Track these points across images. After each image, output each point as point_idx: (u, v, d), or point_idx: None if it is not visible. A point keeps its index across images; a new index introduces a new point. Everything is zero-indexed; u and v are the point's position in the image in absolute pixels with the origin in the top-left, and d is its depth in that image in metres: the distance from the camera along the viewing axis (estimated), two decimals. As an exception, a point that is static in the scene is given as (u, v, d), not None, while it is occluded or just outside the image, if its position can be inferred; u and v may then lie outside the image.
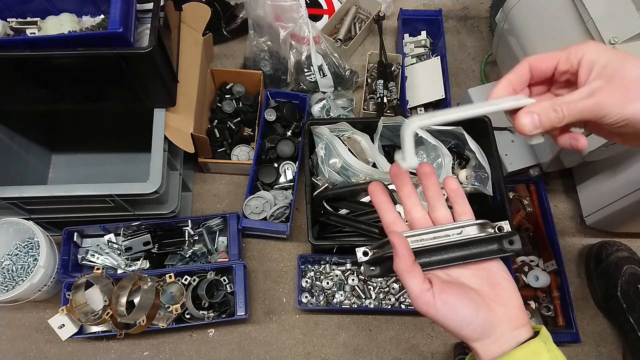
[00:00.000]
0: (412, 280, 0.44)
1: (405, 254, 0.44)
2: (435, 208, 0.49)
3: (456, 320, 0.43)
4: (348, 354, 1.00)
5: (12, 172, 0.99)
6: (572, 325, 0.96)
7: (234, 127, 1.14)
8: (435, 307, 0.43)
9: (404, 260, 0.44)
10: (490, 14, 1.31)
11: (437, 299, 0.43)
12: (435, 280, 0.44)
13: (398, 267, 0.44)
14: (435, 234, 0.47)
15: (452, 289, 0.44)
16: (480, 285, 0.45)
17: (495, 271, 0.46)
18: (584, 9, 0.81)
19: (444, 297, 0.43)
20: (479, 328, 0.43)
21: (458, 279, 0.46)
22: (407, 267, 0.44)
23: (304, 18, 1.13)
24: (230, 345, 1.00)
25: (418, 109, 1.19)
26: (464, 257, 0.46)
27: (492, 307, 0.44)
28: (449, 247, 0.46)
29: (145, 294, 0.89)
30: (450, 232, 0.47)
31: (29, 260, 0.97)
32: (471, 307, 0.43)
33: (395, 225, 0.50)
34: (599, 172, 1.00)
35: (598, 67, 0.42)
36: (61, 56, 0.76)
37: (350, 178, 0.94)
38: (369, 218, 0.92)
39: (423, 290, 0.43)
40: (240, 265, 0.96)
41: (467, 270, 0.47)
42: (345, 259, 1.01)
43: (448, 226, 0.47)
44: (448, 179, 0.50)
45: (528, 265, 1.02)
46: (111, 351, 0.99)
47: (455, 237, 0.47)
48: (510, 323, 0.43)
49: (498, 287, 0.45)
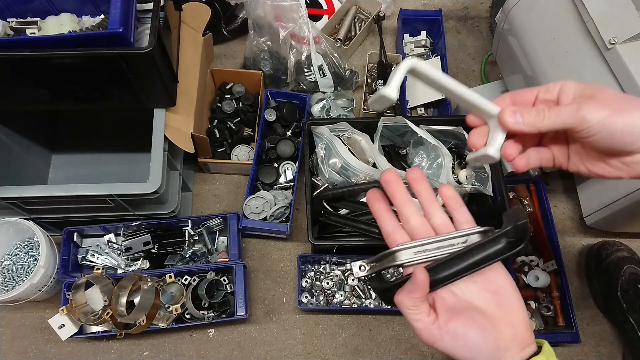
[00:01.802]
0: (417, 316, 0.42)
1: (422, 289, 0.41)
2: (432, 214, 0.47)
3: (465, 350, 0.41)
4: (348, 354, 1.00)
5: (12, 172, 0.99)
6: (572, 325, 0.96)
7: (234, 127, 1.14)
8: (442, 341, 0.41)
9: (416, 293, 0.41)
10: (490, 14, 1.31)
11: (444, 332, 0.41)
12: (440, 306, 0.43)
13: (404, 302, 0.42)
14: (439, 243, 0.45)
15: (459, 317, 0.42)
16: (487, 303, 0.43)
17: (502, 285, 0.45)
18: (584, 9, 0.81)
19: (451, 328, 0.41)
20: (490, 353, 0.41)
21: (464, 297, 0.44)
22: (416, 302, 0.42)
23: (304, 18, 1.13)
24: (230, 345, 1.00)
25: (418, 109, 1.19)
26: (472, 265, 0.43)
27: (499, 328, 0.42)
28: (455, 258, 0.44)
29: (145, 294, 0.89)
30: (454, 242, 0.45)
31: (29, 260, 0.97)
32: (479, 335, 0.42)
33: (395, 235, 0.47)
34: (599, 172, 1.00)
35: (578, 91, 0.45)
36: (61, 56, 0.76)
37: (350, 178, 0.94)
38: (369, 218, 0.92)
39: (428, 324, 0.42)
40: (240, 265, 0.96)
41: (473, 285, 0.44)
42: (345, 259, 1.01)
43: (452, 235, 0.45)
44: (443, 188, 0.48)
45: (528, 265, 1.02)
46: (111, 351, 0.99)
47: (461, 245, 0.44)
48: (517, 344, 0.42)
49: (505, 303, 0.44)
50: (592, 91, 0.44)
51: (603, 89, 0.43)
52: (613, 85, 0.78)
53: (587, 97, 0.44)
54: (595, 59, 0.81)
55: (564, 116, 0.43)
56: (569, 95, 0.45)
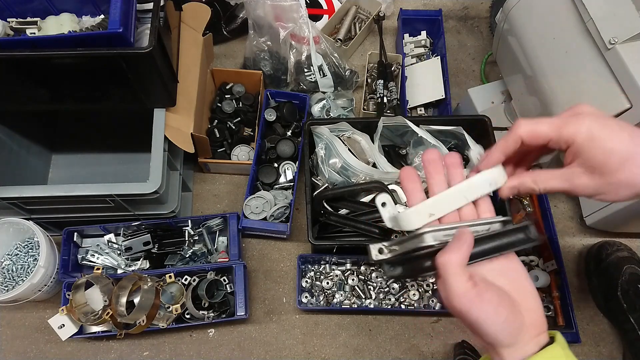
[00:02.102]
0: (459, 277, 0.41)
1: (467, 249, 0.42)
2: None
3: (496, 323, 0.41)
4: (348, 354, 1.00)
5: (12, 172, 0.99)
6: (572, 325, 0.96)
7: (234, 127, 1.14)
8: (479, 307, 0.41)
9: (462, 255, 0.41)
10: (490, 14, 1.31)
11: (482, 299, 0.41)
12: (477, 277, 0.42)
13: (450, 260, 0.41)
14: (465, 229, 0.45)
15: (494, 289, 0.42)
16: (510, 288, 0.44)
17: (520, 273, 0.45)
18: (584, 9, 0.81)
19: (488, 297, 0.41)
20: (513, 333, 0.42)
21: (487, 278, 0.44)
22: (462, 262, 0.41)
23: (304, 18, 1.13)
24: (230, 345, 1.00)
25: (418, 109, 1.19)
26: (498, 248, 0.44)
27: (521, 311, 0.43)
28: (482, 239, 0.45)
29: (145, 294, 0.89)
30: (478, 229, 0.46)
31: (29, 260, 0.97)
32: (510, 310, 0.42)
33: None
34: (599, 172, 1.00)
35: (583, 158, 0.44)
36: (61, 56, 0.76)
37: (350, 178, 0.94)
38: (369, 218, 0.92)
39: (468, 289, 0.41)
40: (240, 265, 0.96)
41: (493, 270, 0.45)
42: (345, 259, 1.01)
43: (476, 222, 0.46)
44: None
45: (528, 265, 1.02)
46: (111, 351, 0.99)
47: (484, 233, 0.45)
48: (534, 329, 0.43)
49: (524, 290, 0.44)
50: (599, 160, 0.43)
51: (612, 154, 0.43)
52: (613, 85, 0.78)
53: (589, 170, 0.44)
54: (595, 59, 0.81)
55: (557, 189, 0.47)
56: (574, 157, 0.45)
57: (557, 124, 0.45)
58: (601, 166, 0.43)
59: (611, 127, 0.43)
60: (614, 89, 0.78)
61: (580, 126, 0.44)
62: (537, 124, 0.46)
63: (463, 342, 0.97)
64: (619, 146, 0.42)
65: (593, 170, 0.44)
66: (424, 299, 1.01)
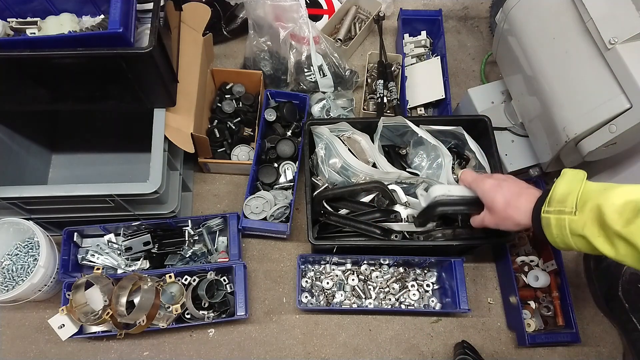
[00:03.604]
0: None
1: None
2: None
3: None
4: (348, 354, 1.00)
5: (12, 172, 0.99)
6: (572, 325, 0.96)
7: (234, 127, 1.14)
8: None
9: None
10: (490, 14, 1.31)
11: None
12: None
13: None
14: None
15: None
16: None
17: None
18: (584, 9, 0.81)
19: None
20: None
21: None
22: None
23: (304, 18, 1.13)
24: (230, 345, 1.00)
25: (418, 109, 1.19)
26: None
27: None
28: None
29: (145, 294, 0.89)
30: None
31: (29, 260, 0.97)
32: None
33: None
34: (599, 172, 1.00)
35: (487, 206, 0.78)
36: (61, 56, 0.76)
37: (350, 178, 0.94)
38: (369, 218, 0.92)
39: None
40: (240, 265, 0.96)
41: None
42: (345, 259, 1.01)
43: None
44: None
45: (528, 265, 1.02)
46: (111, 351, 0.99)
47: None
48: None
49: None
50: (492, 206, 0.75)
51: (496, 200, 0.74)
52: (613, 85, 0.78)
53: (491, 211, 0.77)
54: (595, 59, 0.81)
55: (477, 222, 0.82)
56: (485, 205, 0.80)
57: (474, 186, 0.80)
58: (494, 209, 0.75)
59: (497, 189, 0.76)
60: (614, 89, 0.78)
61: (482, 190, 0.78)
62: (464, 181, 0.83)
63: (463, 342, 0.97)
64: (500, 199, 0.74)
65: (492, 210, 0.76)
66: (424, 299, 1.01)
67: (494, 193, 0.74)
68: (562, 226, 0.63)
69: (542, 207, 0.66)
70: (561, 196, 0.64)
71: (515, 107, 1.05)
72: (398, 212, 0.91)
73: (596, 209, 0.60)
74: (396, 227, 0.91)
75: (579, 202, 0.62)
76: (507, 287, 1.02)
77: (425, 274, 1.03)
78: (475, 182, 0.79)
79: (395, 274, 1.02)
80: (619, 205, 0.58)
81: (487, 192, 0.76)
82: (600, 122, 0.79)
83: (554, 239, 0.66)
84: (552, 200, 0.65)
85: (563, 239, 0.64)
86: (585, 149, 0.84)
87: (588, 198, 0.62)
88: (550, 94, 0.88)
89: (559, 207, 0.64)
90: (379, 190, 0.91)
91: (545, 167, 1.01)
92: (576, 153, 0.88)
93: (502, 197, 0.73)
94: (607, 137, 0.79)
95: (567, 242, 0.64)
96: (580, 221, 0.61)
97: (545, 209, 0.66)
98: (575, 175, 0.66)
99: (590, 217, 0.61)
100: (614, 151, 0.86)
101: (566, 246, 0.65)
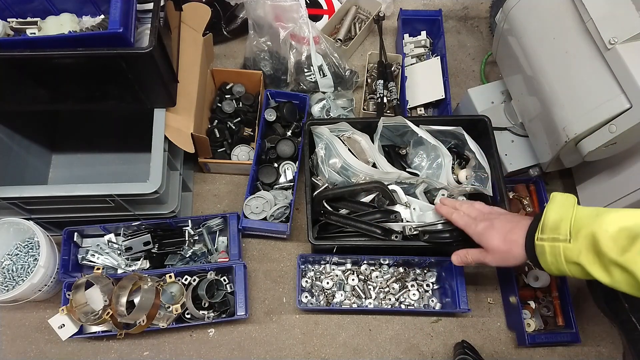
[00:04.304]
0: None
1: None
2: None
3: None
4: (348, 354, 1.00)
5: (12, 172, 0.99)
6: (572, 325, 0.96)
7: (234, 127, 1.14)
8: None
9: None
10: (490, 14, 1.31)
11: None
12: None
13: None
14: None
15: None
16: None
17: None
18: (584, 9, 0.81)
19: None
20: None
21: None
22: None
23: (304, 18, 1.13)
24: (230, 345, 1.00)
25: (418, 109, 1.19)
26: None
27: None
28: None
29: (145, 294, 0.89)
30: None
31: (29, 260, 0.97)
32: None
33: None
34: (599, 172, 1.00)
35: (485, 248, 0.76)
36: (61, 56, 0.76)
37: (350, 178, 0.94)
38: (370, 218, 0.92)
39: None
40: (240, 265, 0.96)
41: None
42: (346, 259, 1.01)
43: None
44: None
45: (528, 265, 1.02)
46: (111, 351, 0.99)
47: None
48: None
49: None
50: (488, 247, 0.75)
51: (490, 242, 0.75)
52: (613, 85, 0.78)
53: (486, 250, 0.76)
54: (595, 59, 0.81)
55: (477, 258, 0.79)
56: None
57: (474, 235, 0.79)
58: (492, 249, 0.75)
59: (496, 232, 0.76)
60: (614, 89, 0.78)
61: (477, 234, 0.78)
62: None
63: (463, 342, 0.97)
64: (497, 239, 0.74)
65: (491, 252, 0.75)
66: (424, 299, 1.01)
67: (489, 234, 0.74)
68: (556, 254, 0.63)
69: (534, 234, 0.66)
70: (554, 223, 0.64)
71: (515, 107, 1.05)
72: (398, 212, 0.91)
73: (590, 236, 0.59)
74: (396, 227, 0.91)
75: (572, 229, 0.62)
76: (507, 287, 1.02)
77: (425, 274, 1.03)
78: (467, 227, 0.78)
79: (395, 274, 1.02)
80: (613, 232, 0.57)
81: (483, 235, 0.75)
82: (600, 122, 0.80)
83: (548, 266, 0.65)
84: (545, 227, 0.65)
85: (558, 267, 0.64)
86: (585, 149, 0.84)
87: (581, 225, 0.61)
88: (550, 94, 0.88)
89: (552, 235, 0.63)
90: (379, 190, 0.91)
91: (545, 167, 1.01)
92: (576, 153, 0.88)
93: (498, 235, 0.73)
94: (607, 137, 0.79)
95: (561, 269, 0.64)
96: (575, 249, 0.61)
97: (539, 236, 0.65)
98: (565, 200, 0.65)
99: (585, 244, 0.60)
100: (614, 151, 0.86)
101: (560, 273, 0.65)
